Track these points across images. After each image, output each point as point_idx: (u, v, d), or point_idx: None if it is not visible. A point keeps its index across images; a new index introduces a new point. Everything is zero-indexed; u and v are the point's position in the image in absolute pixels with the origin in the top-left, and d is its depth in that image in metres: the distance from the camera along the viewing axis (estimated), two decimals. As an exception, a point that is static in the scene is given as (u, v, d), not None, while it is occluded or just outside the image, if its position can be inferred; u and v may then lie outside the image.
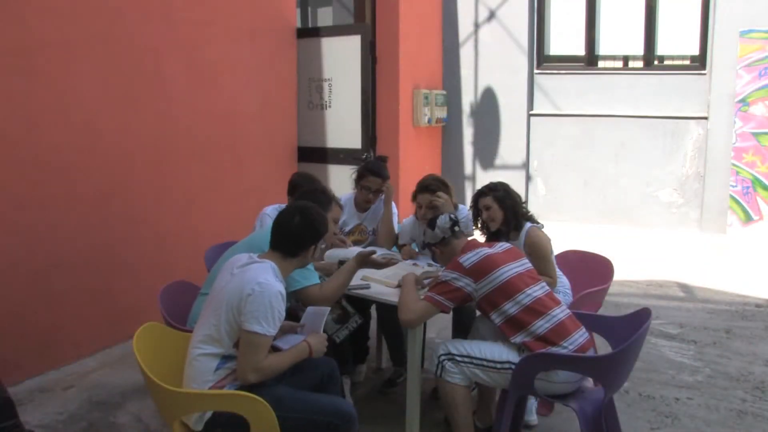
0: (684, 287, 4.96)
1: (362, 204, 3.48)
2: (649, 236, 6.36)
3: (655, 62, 6.67)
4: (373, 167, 3.40)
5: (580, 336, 2.35)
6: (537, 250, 2.91)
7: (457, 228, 2.62)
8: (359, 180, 3.41)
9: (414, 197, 3.27)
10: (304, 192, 2.78)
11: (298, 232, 2.18)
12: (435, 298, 2.42)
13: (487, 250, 2.48)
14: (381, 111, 6.02)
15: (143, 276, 3.89)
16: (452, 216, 2.65)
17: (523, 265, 2.50)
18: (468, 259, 2.44)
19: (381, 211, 3.49)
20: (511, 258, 2.49)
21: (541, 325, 2.33)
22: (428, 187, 3.24)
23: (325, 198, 2.73)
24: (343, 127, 5.35)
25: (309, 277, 2.49)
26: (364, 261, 2.60)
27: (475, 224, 3.16)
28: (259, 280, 2.02)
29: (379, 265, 2.68)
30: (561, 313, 2.39)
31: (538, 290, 2.43)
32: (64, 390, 3.25)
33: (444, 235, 2.60)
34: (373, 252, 2.63)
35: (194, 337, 2.11)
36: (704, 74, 6.36)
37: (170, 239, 4.10)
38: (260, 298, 1.99)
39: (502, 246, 2.57)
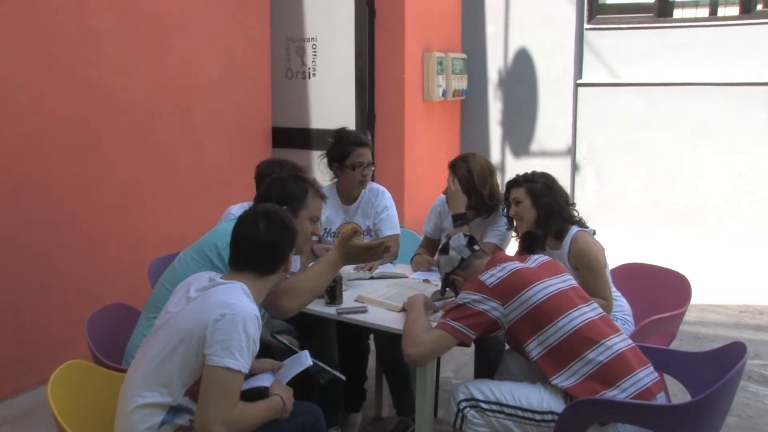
0: (795, 317, 4.91)
1: (354, 189, 3.49)
2: (742, 245, 6.28)
3: (758, 7, 6.53)
4: (356, 139, 3.46)
5: (645, 376, 2.32)
6: (586, 263, 2.91)
7: (476, 246, 2.64)
8: (344, 160, 3.42)
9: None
10: (271, 182, 2.75)
11: (272, 239, 2.20)
12: (451, 324, 2.40)
13: (516, 264, 2.48)
14: (381, 81, 5.99)
15: (65, 298, 3.86)
16: (467, 233, 2.70)
17: (566, 281, 2.49)
18: (492, 275, 2.43)
19: (373, 201, 3.52)
20: (548, 273, 2.47)
21: (593, 359, 2.30)
22: (454, 166, 3.35)
23: (297, 188, 2.68)
24: (331, 102, 5.33)
25: None
26: (347, 248, 2.62)
27: (510, 225, 3.20)
28: (228, 301, 2.03)
29: (362, 254, 2.68)
30: (621, 342, 2.36)
31: (588, 312, 2.41)
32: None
33: (462, 255, 2.60)
34: (355, 232, 2.68)
35: (130, 380, 2.08)
36: (833, 20, 6.20)
37: (103, 249, 4.08)
38: (232, 324, 1.98)
39: (537, 259, 2.56)
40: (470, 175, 3.30)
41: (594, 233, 3.04)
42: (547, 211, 2.98)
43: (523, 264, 2.49)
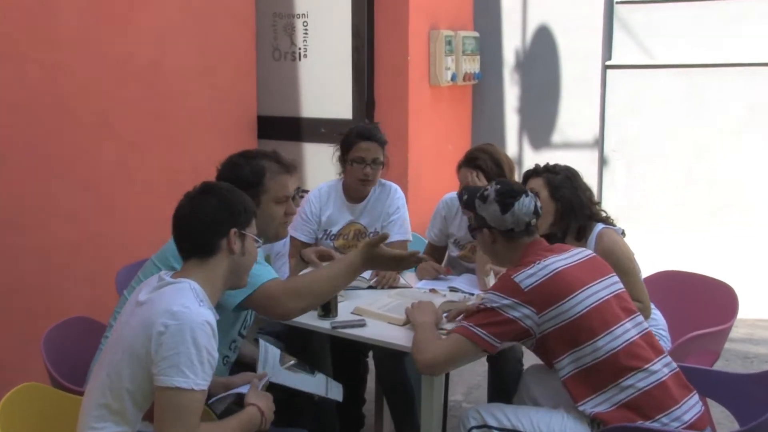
0: None
1: (356, 188, 3.53)
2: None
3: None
4: (362, 131, 3.51)
5: (689, 408, 2.31)
6: (614, 260, 2.89)
7: (534, 221, 2.57)
8: (346, 153, 3.48)
9: (458, 169, 3.46)
10: (221, 169, 2.74)
11: (204, 212, 2.20)
12: (473, 330, 2.38)
13: (557, 262, 2.44)
14: (382, 63, 5.99)
15: (17, 312, 3.85)
16: (538, 203, 2.59)
17: (612, 286, 2.48)
18: (529, 276, 2.40)
19: (383, 200, 3.57)
20: (593, 275, 2.46)
21: (631, 385, 2.30)
22: (474, 160, 3.37)
23: (251, 171, 2.65)
24: (325, 88, 5.33)
25: (260, 273, 2.48)
26: (373, 253, 2.53)
27: None
28: (172, 308, 2.00)
29: (389, 264, 2.63)
30: (664, 367, 2.36)
31: (630, 329, 2.40)
32: None
33: (515, 227, 2.53)
34: (385, 237, 2.57)
35: (84, 410, 2.07)
36: None
37: (61, 255, 4.07)
38: (178, 336, 1.97)
39: (578, 254, 2.53)
40: (499, 166, 3.31)
41: (623, 234, 3.04)
42: (567, 205, 2.98)
43: (565, 260, 2.46)
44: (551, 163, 3.15)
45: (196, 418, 1.98)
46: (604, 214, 3.09)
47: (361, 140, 3.44)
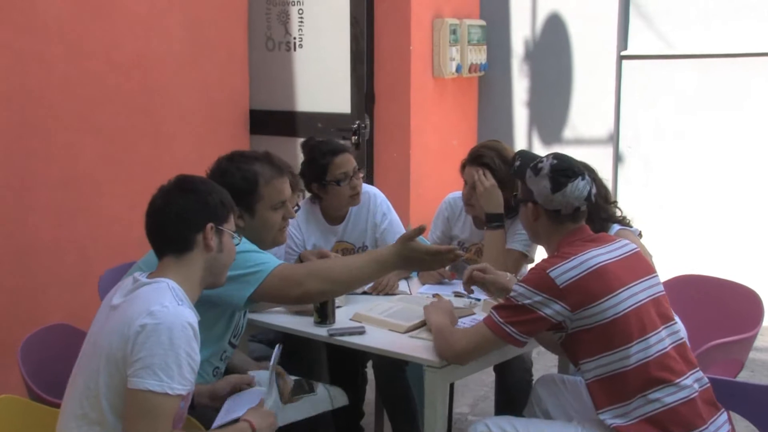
0: None
1: (346, 205, 3.52)
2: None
3: None
4: (330, 147, 3.47)
5: (717, 427, 2.31)
6: None
7: (583, 207, 2.53)
8: (323, 176, 3.42)
9: (463, 168, 3.46)
10: (209, 177, 2.72)
11: (176, 205, 2.21)
12: (501, 326, 2.38)
13: (599, 256, 2.41)
14: (382, 54, 5.98)
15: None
16: (593, 189, 2.55)
17: (652, 288, 2.46)
18: (565, 271, 2.37)
19: (365, 212, 3.56)
20: (635, 274, 2.44)
21: (658, 399, 2.29)
22: (479, 158, 3.36)
23: (243, 178, 2.65)
24: (322, 80, 5.34)
25: (265, 260, 2.47)
26: (408, 248, 2.50)
27: None
28: (150, 308, 2.01)
29: (424, 260, 2.58)
30: (694, 383, 2.35)
31: (665, 339, 2.39)
32: None
33: (562, 209, 2.50)
34: (422, 230, 2.52)
35: (61, 422, 2.08)
36: None
37: (40, 258, 4.07)
38: (154, 336, 1.97)
39: (622, 248, 2.50)
40: (507, 164, 3.30)
41: (640, 235, 3.03)
42: None
43: (607, 255, 2.43)
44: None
45: (167, 424, 1.99)
46: (620, 214, 3.08)
47: (334, 156, 3.41)
